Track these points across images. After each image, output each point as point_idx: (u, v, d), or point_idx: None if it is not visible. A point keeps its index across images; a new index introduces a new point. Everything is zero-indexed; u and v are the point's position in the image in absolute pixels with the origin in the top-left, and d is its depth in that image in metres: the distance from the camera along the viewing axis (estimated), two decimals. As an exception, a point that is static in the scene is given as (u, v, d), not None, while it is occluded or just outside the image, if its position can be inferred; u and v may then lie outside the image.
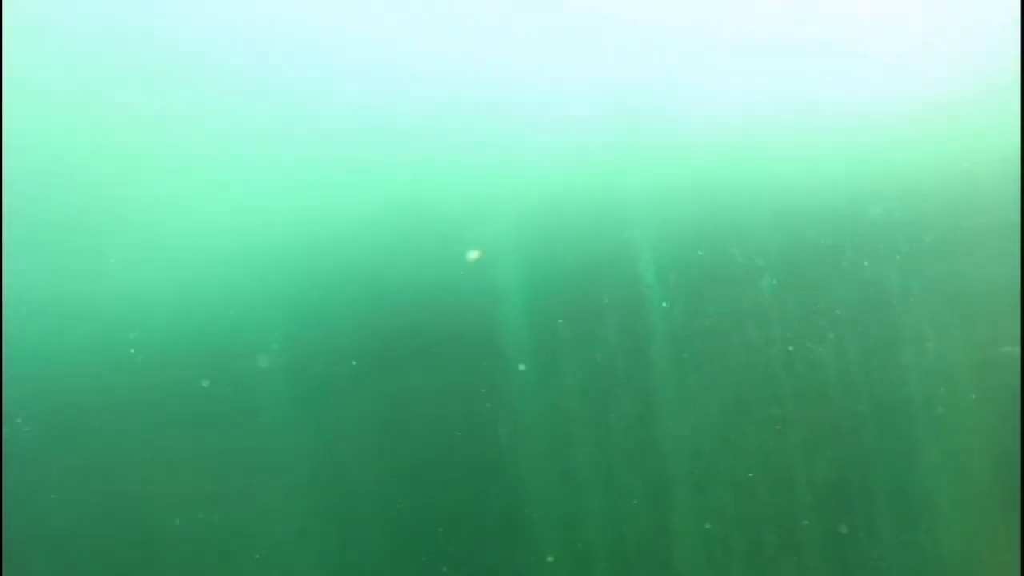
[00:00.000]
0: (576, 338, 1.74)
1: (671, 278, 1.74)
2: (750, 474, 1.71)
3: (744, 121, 1.74)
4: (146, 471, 1.66)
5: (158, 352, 1.64)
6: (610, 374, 1.74)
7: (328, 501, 1.70)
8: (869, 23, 1.75)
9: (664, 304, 1.73)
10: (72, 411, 1.65)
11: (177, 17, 1.71)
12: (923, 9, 1.75)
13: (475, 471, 1.71)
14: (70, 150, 1.68)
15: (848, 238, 1.71)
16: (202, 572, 1.68)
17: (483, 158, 1.74)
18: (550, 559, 1.71)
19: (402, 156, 1.74)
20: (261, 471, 1.69)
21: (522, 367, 1.73)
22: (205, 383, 1.68)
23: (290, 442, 1.71)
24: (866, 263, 1.72)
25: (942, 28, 1.73)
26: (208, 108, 1.71)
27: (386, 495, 1.71)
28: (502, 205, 1.74)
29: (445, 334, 1.72)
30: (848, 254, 1.71)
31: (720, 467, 1.73)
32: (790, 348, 1.72)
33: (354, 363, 1.70)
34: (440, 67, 1.75)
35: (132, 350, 1.67)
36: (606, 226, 1.74)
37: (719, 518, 1.72)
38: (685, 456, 1.73)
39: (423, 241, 1.73)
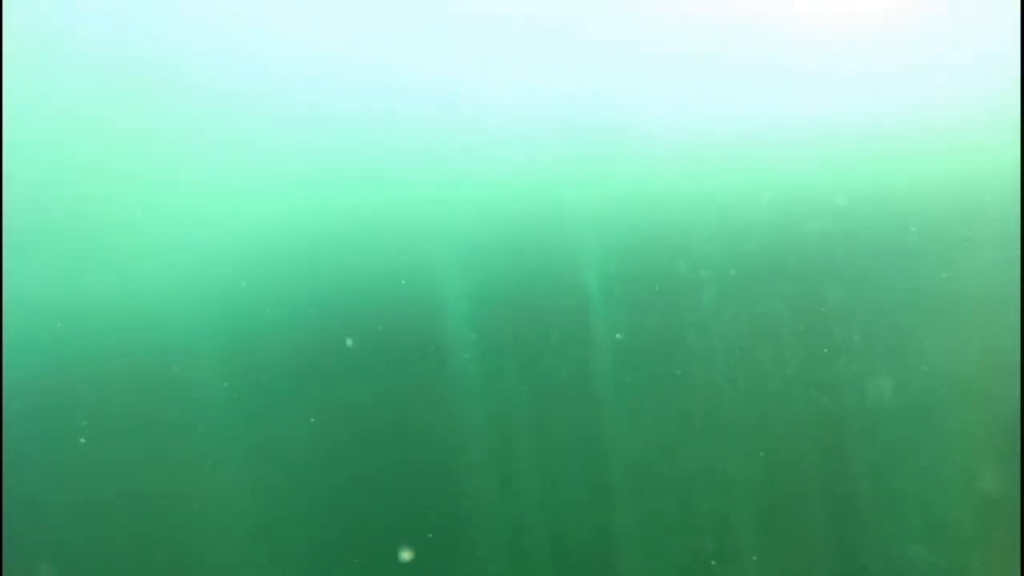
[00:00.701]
0: (522, 347, 1.76)
1: (617, 288, 1.77)
2: (693, 480, 1.74)
3: (691, 134, 1.78)
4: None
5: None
6: (556, 383, 1.76)
7: (269, 513, 1.71)
8: (816, 38, 1.80)
9: (617, 335, 1.77)
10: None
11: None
12: (866, 25, 1.80)
13: (419, 480, 1.73)
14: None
15: (789, 251, 1.76)
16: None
17: (429, 168, 1.77)
18: (495, 566, 1.73)
19: (346, 166, 1.76)
20: (204, 482, 1.69)
21: (467, 376, 1.75)
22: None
23: (233, 452, 1.71)
24: (807, 275, 1.76)
25: (884, 44, 1.79)
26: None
27: (328, 506, 1.71)
28: (447, 215, 1.77)
29: (389, 343, 1.74)
30: (790, 267, 1.76)
31: (664, 475, 1.76)
32: (733, 358, 1.76)
33: (295, 374, 1.71)
34: (389, 78, 1.78)
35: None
36: (552, 236, 1.77)
37: (663, 525, 1.74)
38: (630, 464, 1.76)
39: (367, 250, 1.75)
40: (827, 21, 1.78)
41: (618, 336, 1.77)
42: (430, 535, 1.74)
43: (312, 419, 1.74)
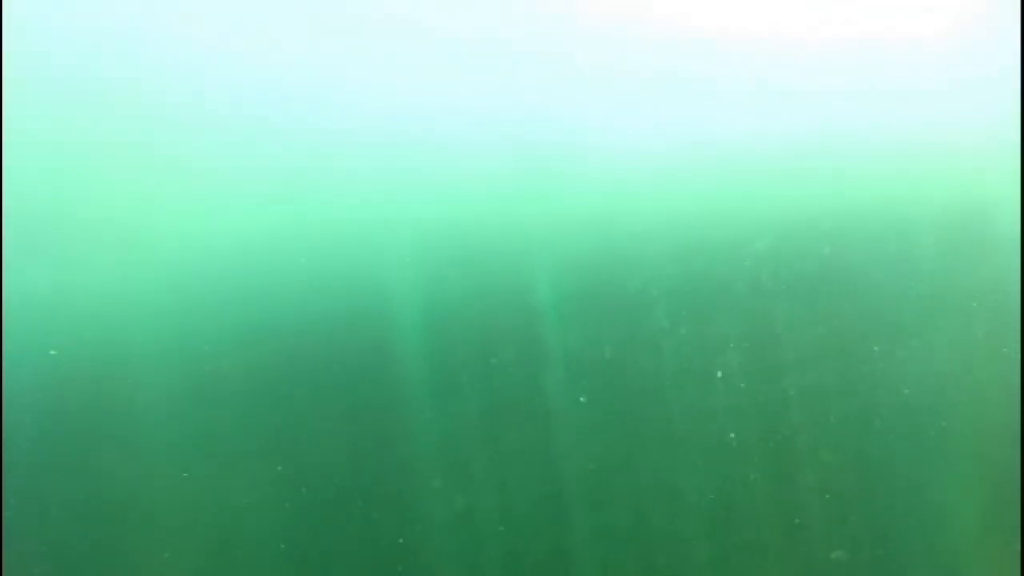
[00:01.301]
0: (473, 364, 1.77)
1: (567, 306, 1.78)
2: (645, 497, 1.75)
3: (643, 153, 1.80)
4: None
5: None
6: (507, 400, 1.77)
7: (217, 540, 1.69)
8: (772, 56, 1.83)
9: (569, 353, 1.77)
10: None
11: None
12: (814, 40, 1.83)
13: (368, 500, 1.72)
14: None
15: (739, 271, 1.78)
16: None
17: (379, 184, 1.78)
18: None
19: (298, 182, 1.76)
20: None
21: (418, 394, 1.74)
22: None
23: (179, 477, 1.70)
24: (755, 295, 1.78)
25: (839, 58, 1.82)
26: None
27: (277, 526, 1.70)
28: (397, 232, 1.78)
29: (337, 361, 1.73)
30: (738, 287, 1.78)
31: (616, 491, 1.76)
32: (682, 376, 1.77)
33: (240, 393, 1.70)
34: (337, 95, 1.79)
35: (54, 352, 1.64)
36: (503, 254, 1.78)
37: (615, 543, 1.74)
38: (582, 481, 1.76)
39: (315, 267, 1.75)
40: (783, 39, 1.81)
41: (570, 354, 1.78)
42: (381, 553, 1.73)
43: (261, 435, 1.73)
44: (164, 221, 1.75)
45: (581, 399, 1.77)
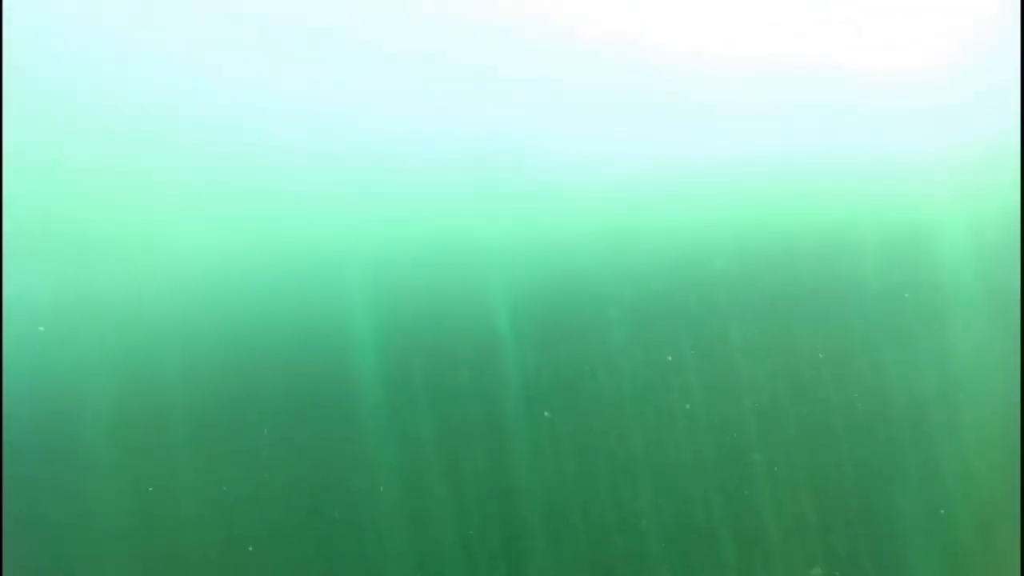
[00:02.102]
0: (430, 386, 1.74)
1: (524, 327, 1.76)
2: (605, 519, 1.75)
3: (600, 175, 1.78)
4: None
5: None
6: (464, 422, 1.75)
7: (158, 558, 1.66)
8: (731, 76, 1.81)
9: (527, 375, 1.76)
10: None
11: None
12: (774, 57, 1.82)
13: (324, 525, 1.70)
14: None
15: (695, 291, 1.77)
16: None
17: (335, 203, 1.73)
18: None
19: (252, 200, 1.71)
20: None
21: (373, 417, 1.72)
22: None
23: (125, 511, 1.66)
24: (712, 317, 1.78)
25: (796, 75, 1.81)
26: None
27: (225, 546, 1.67)
28: (353, 253, 1.74)
29: (291, 383, 1.70)
30: (694, 307, 1.77)
31: (574, 513, 1.76)
32: (640, 395, 1.77)
33: (187, 413, 1.67)
34: (293, 111, 1.73)
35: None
36: (459, 274, 1.76)
37: (574, 561, 1.75)
38: (540, 504, 1.76)
39: (269, 287, 1.70)
40: (739, 58, 1.79)
41: (528, 376, 1.76)
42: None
43: (209, 455, 1.69)
44: (116, 233, 1.69)
45: (545, 414, 1.76)
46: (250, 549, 1.68)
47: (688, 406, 1.78)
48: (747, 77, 1.80)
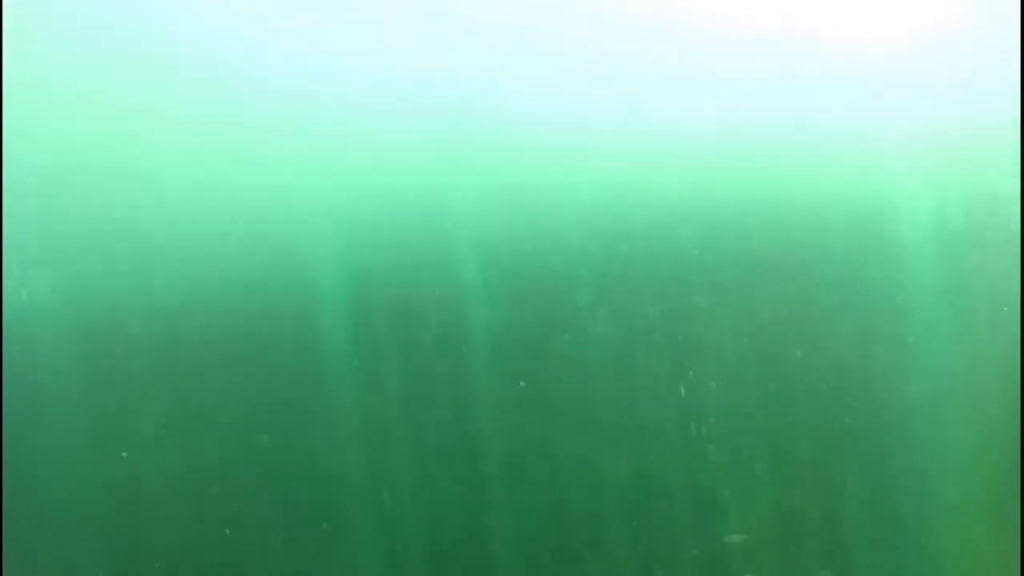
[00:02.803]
0: (395, 343, 1.75)
1: (493, 283, 1.76)
2: (566, 476, 1.78)
3: (573, 132, 1.77)
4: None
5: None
6: (430, 379, 1.76)
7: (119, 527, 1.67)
8: (710, 39, 1.80)
9: (493, 333, 1.77)
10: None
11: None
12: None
13: (286, 476, 1.71)
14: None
15: (662, 256, 1.78)
16: None
17: (300, 153, 1.72)
18: (365, 563, 1.73)
19: (212, 144, 1.70)
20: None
21: (340, 371, 1.72)
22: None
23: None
24: (678, 282, 1.79)
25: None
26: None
27: (193, 506, 1.68)
28: (319, 202, 1.73)
29: (258, 339, 1.70)
30: (662, 271, 1.78)
31: (536, 470, 1.78)
32: (605, 356, 1.78)
33: (152, 368, 1.67)
34: (260, 54, 1.71)
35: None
36: (428, 227, 1.75)
37: (537, 523, 1.77)
38: (504, 462, 1.78)
39: (236, 240, 1.69)
40: (718, 23, 1.78)
41: (494, 333, 1.77)
42: (300, 534, 1.73)
43: (172, 411, 1.70)
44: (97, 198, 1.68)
45: (517, 381, 1.78)
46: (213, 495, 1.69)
47: (653, 367, 1.80)
48: (728, 42, 1.79)
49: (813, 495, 1.81)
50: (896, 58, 1.78)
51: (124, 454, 1.68)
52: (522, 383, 1.77)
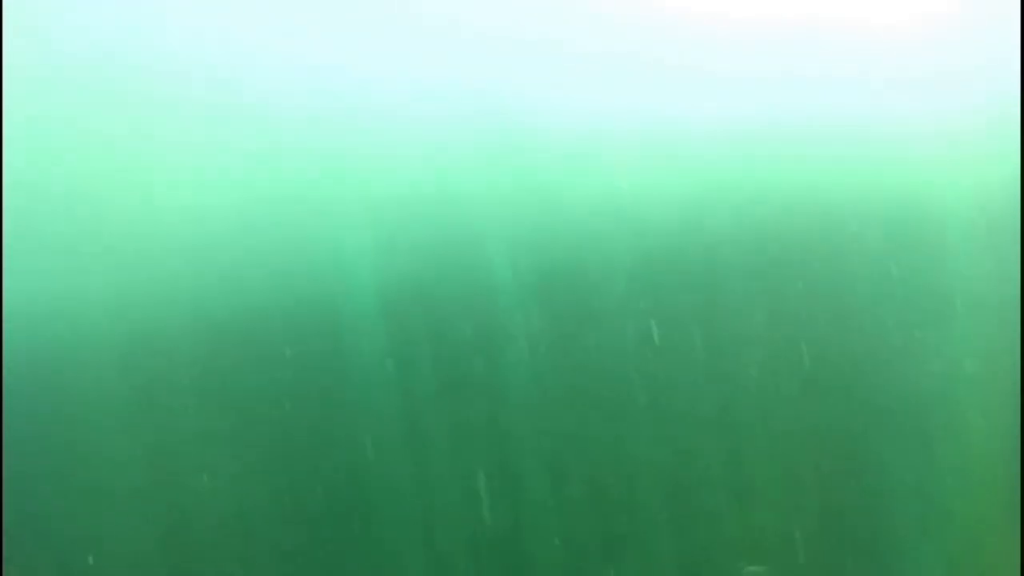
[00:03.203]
0: (430, 344, 1.76)
1: (525, 281, 1.77)
2: (603, 468, 1.78)
3: (604, 131, 1.79)
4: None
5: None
6: (466, 380, 1.76)
7: (174, 530, 1.67)
8: (733, 34, 1.83)
9: (529, 331, 1.78)
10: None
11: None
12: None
13: (327, 477, 1.71)
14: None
15: (693, 248, 1.80)
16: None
17: (330, 160, 1.73)
18: (406, 561, 1.73)
19: (243, 158, 1.71)
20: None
21: (374, 377, 1.73)
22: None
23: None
24: (711, 276, 1.81)
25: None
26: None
27: (241, 500, 1.68)
28: (349, 210, 1.74)
29: (289, 344, 1.71)
30: (696, 264, 1.80)
31: (572, 462, 1.79)
32: (641, 350, 1.79)
33: (188, 380, 1.67)
34: (289, 67, 1.73)
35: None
36: (458, 230, 1.77)
37: (575, 517, 1.77)
38: (538, 453, 1.78)
39: (269, 246, 1.70)
40: (757, 22, 1.80)
41: (530, 332, 1.78)
42: (342, 535, 1.73)
43: (215, 423, 1.70)
44: (111, 196, 1.69)
45: (544, 376, 1.78)
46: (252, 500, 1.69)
47: (688, 362, 1.81)
48: (752, 40, 1.81)
49: (855, 488, 1.81)
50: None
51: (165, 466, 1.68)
52: (555, 375, 1.78)
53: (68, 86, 1.60)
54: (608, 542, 1.77)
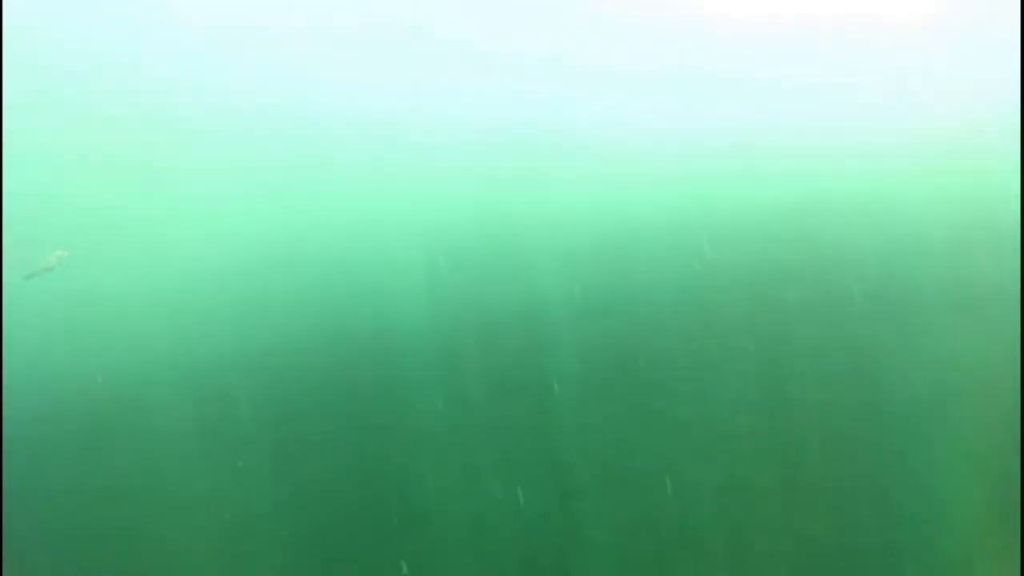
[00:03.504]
0: (479, 349, 1.77)
1: (575, 294, 1.80)
2: (650, 479, 1.79)
3: (645, 151, 1.83)
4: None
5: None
6: (518, 390, 1.78)
7: (224, 544, 1.67)
8: (779, 51, 1.87)
9: (578, 342, 1.80)
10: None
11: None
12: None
13: (379, 505, 1.72)
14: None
15: (740, 255, 1.83)
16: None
17: (379, 190, 1.76)
18: (462, 559, 1.73)
19: (294, 189, 1.73)
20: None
21: (425, 397, 1.74)
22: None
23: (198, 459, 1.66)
24: (760, 280, 1.84)
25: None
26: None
27: (289, 507, 1.69)
28: (399, 237, 1.76)
29: (341, 367, 1.72)
30: (744, 273, 1.83)
31: (626, 481, 1.80)
32: (690, 366, 1.82)
33: (244, 402, 1.68)
34: (336, 98, 1.75)
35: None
36: (506, 255, 1.79)
37: (625, 531, 1.79)
38: (592, 474, 1.80)
39: (324, 269, 1.72)
40: (806, 36, 1.84)
41: (578, 350, 1.80)
42: (394, 551, 1.73)
43: (269, 443, 1.71)
44: (157, 224, 1.71)
45: (591, 394, 1.80)
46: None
47: (736, 375, 1.83)
48: (799, 52, 1.86)
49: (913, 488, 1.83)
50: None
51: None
52: (605, 388, 1.80)
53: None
54: (665, 555, 1.77)
